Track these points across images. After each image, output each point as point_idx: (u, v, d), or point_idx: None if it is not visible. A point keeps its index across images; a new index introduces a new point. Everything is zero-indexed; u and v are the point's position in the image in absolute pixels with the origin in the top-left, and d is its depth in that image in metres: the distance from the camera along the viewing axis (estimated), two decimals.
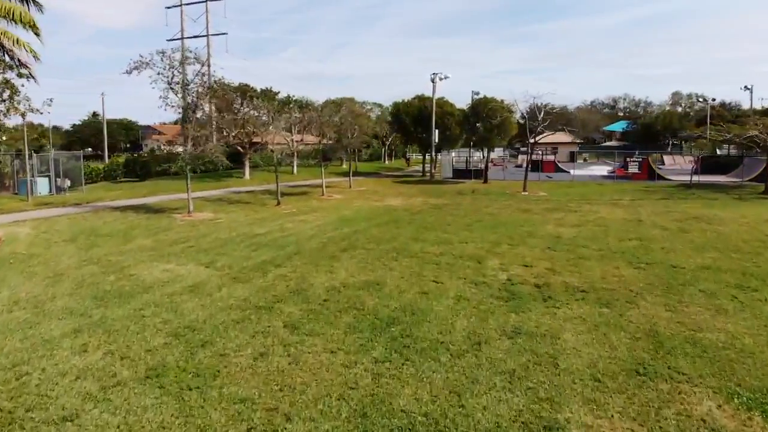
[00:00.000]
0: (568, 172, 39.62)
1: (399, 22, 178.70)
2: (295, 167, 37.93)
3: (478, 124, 30.93)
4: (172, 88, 17.57)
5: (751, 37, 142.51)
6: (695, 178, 29.88)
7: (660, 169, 33.77)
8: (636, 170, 32.96)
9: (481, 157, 36.59)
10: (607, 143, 73.37)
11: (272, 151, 21.46)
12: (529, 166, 26.54)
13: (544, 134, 26.91)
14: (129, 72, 17.43)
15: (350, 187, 28.94)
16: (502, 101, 30.53)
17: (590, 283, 8.86)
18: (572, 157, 55.67)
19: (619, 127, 78.55)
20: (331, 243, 12.63)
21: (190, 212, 17.71)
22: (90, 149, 64.10)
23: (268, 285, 8.90)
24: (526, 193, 25.29)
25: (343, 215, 17.91)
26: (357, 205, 21.37)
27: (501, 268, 10.02)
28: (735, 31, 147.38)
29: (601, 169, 41.77)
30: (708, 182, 29.55)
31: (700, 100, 68.49)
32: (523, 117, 25.85)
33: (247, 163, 32.50)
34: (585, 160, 57.51)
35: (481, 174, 34.83)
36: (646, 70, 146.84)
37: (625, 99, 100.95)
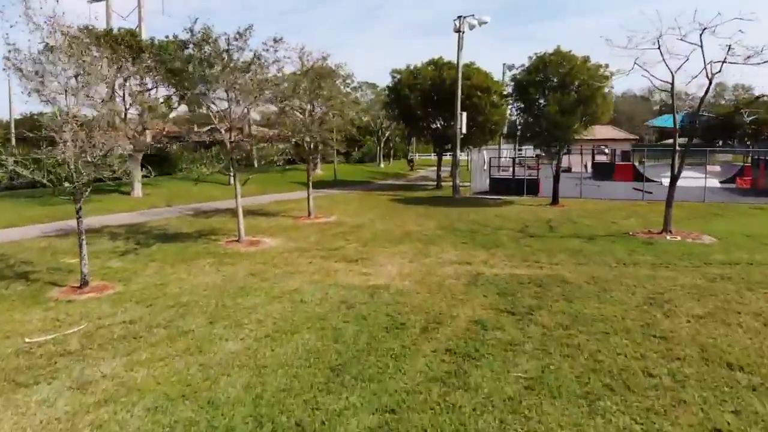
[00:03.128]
0: (659, 182, 26.26)
1: (399, 22, 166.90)
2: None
3: (541, 101, 17.40)
4: None
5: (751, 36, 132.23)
6: None
7: None
8: None
9: (542, 159, 22.60)
10: (667, 141, 59.97)
11: (64, 142, 8.11)
12: (675, 181, 12.56)
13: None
14: None
15: (309, 215, 15.46)
16: (585, 59, 16.96)
17: None
18: (628, 158, 43.11)
19: (664, 122, 64.97)
20: None
21: None
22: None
23: None
24: (676, 237, 11.82)
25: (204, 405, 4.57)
26: (294, 285, 7.97)
27: None
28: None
29: (696, 177, 28.17)
30: None
31: None
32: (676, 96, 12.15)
33: (138, 172, 18.62)
34: (641, 161, 44.10)
35: (535, 186, 21.41)
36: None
37: (661, 91, 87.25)
